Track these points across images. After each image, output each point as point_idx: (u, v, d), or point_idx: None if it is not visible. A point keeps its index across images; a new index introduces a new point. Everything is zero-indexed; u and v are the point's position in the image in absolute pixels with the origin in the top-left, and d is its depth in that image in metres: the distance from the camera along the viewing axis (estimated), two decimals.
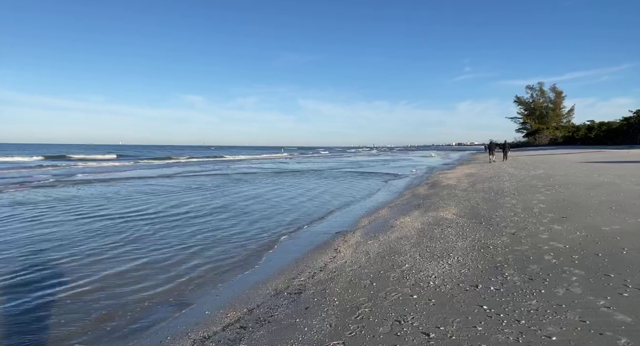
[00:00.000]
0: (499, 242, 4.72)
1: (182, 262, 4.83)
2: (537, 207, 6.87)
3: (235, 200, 10.34)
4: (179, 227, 6.84)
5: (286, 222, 7.26)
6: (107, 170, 23.96)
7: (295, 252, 5.21)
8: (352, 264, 4.35)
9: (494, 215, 6.57)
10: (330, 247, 5.32)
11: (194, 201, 10.08)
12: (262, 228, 6.70)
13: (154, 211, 8.52)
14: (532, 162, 20.37)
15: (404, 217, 7.10)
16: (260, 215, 8.06)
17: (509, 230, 5.35)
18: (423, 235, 5.51)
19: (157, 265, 4.71)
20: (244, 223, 7.20)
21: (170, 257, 5.07)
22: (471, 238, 5.06)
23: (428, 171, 20.91)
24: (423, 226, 6.13)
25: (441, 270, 3.85)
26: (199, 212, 8.35)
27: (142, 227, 6.88)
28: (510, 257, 4.06)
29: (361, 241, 5.51)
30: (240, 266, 4.66)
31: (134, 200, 10.28)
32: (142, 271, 4.50)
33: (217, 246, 5.56)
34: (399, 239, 5.38)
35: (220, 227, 6.81)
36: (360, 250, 4.94)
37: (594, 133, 52.54)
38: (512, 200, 7.91)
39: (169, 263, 4.79)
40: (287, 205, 9.45)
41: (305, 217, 7.77)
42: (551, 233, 4.97)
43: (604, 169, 13.34)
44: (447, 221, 6.37)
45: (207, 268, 4.60)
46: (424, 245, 4.93)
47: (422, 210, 7.70)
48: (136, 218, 7.72)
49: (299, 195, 11.24)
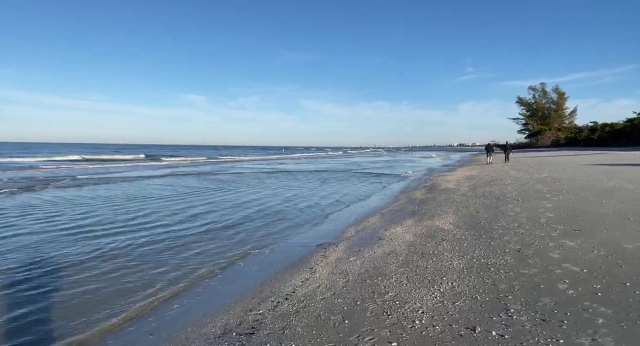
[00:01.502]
0: (501, 262, 3.99)
1: (113, 298, 4.10)
2: (544, 217, 6.13)
3: (213, 206, 9.61)
4: (123, 240, 6.12)
5: (262, 232, 6.52)
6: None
7: (264, 271, 4.48)
8: (325, 290, 3.63)
9: (496, 225, 5.84)
10: (306, 265, 4.59)
11: (173, 206, 9.37)
12: (232, 240, 5.95)
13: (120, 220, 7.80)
14: (535, 164, 19.61)
15: (395, 227, 6.38)
16: (235, 223, 7.29)
17: (513, 245, 4.62)
18: (414, 250, 4.78)
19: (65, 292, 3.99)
20: (212, 233, 6.42)
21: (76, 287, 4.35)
22: (469, 256, 4.33)
23: (427, 173, 20.16)
24: (415, 238, 5.40)
25: (431, 302, 3.12)
26: (164, 221, 7.63)
27: (87, 240, 6.16)
28: (516, 285, 3.33)
29: (343, 257, 4.79)
30: (189, 291, 3.91)
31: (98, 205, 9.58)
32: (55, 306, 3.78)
33: (163, 265, 4.76)
34: (386, 255, 4.65)
35: (180, 238, 6.08)
36: (339, 270, 4.22)
37: (597, 134, 51.67)
38: (515, 208, 7.18)
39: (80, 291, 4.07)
40: (269, 210, 8.72)
41: (286, 226, 7.04)
42: (563, 251, 4.23)
43: (613, 173, 12.58)
44: (442, 232, 5.64)
45: (145, 299, 3.84)
46: (413, 264, 4.21)
47: (416, 218, 6.97)
48: (92, 230, 7.01)
49: (286, 199, 10.52)
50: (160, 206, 9.30)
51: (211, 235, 6.24)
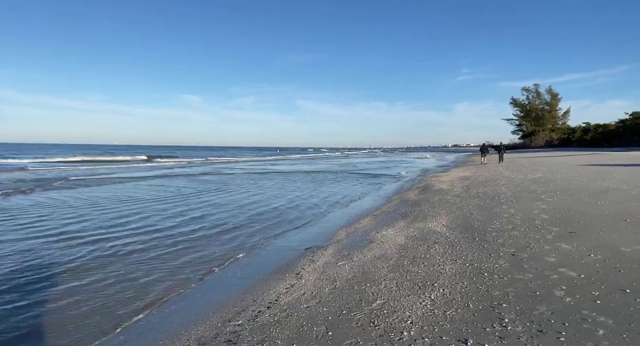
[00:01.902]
0: (495, 267, 3.82)
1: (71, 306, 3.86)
2: (539, 218, 5.99)
3: (200, 210, 9.37)
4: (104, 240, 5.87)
5: (249, 236, 6.30)
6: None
7: (248, 277, 4.26)
8: (311, 297, 3.43)
9: (490, 227, 5.68)
10: (292, 270, 4.38)
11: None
12: (217, 245, 5.70)
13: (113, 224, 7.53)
14: (529, 165, 19.59)
15: (386, 229, 6.19)
16: (221, 226, 7.04)
17: (508, 249, 4.46)
18: (405, 254, 4.60)
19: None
20: (196, 238, 6.13)
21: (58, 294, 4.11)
22: (462, 260, 4.16)
23: (421, 173, 20.06)
24: (407, 241, 5.22)
25: (421, 310, 2.93)
26: (148, 226, 7.37)
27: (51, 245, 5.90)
28: (511, 291, 3.16)
29: (331, 261, 4.59)
30: (167, 300, 3.68)
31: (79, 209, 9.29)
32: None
33: (142, 272, 4.54)
34: (376, 259, 4.46)
35: (161, 244, 5.84)
36: (326, 276, 4.02)
37: (590, 135, 52.13)
38: (509, 209, 7.03)
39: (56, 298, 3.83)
40: (257, 213, 8.48)
41: (275, 228, 6.82)
42: (559, 254, 4.07)
43: (607, 173, 12.54)
44: (435, 235, 5.47)
45: (119, 310, 3.63)
46: (404, 268, 4.02)
47: (408, 220, 6.80)
48: (77, 234, 6.74)
49: (276, 202, 10.29)
50: (145, 210, 9.03)
51: (195, 240, 5.98)
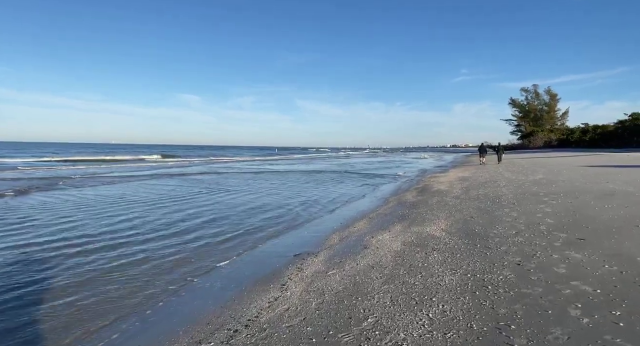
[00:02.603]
0: (500, 279, 3.46)
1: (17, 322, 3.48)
2: (544, 223, 5.64)
3: (187, 212, 8.98)
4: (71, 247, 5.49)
5: (235, 239, 5.91)
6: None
7: (228, 288, 3.88)
8: (295, 314, 3.06)
9: (492, 232, 5.33)
10: (278, 280, 4.01)
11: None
12: (198, 250, 5.28)
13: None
14: (529, 166, 19.28)
15: (382, 233, 5.84)
16: (205, 229, 6.62)
17: (512, 257, 4.10)
18: (401, 262, 4.24)
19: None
20: (177, 243, 5.66)
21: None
22: (463, 270, 3.80)
23: (419, 174, 19.72)
24: (403, 247, 4.87)
25: (418, 332, 2.57)
26: (128, 230, 6.99)
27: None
28: (519, 309, 2.80)
29: (321, 270, 4.22)
30: (135, 316, 3.26)
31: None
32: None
33: (113, 280, 4.17)
34: (370, 268, 4.10)
35: (140, 250, 5.44)
36: (314, 288, 3.65)
37: (589, 136, 51.97)
38: (512, 212, 6.69)
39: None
40: (247, 215, 8.09)
41: (264, 232, 6.43)
42: (570, 265, 3.72)
43: (610, 174, 12.22)
44: (433, 240, 5.11)
45: (74, 332, 3.25)
46: (400, 279, 3.66)
47: (405, 224, 6.45)
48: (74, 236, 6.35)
49: (268, 203, 9.92)
50: (125, 212, 8.64)
51: (174, 247, 5.42)
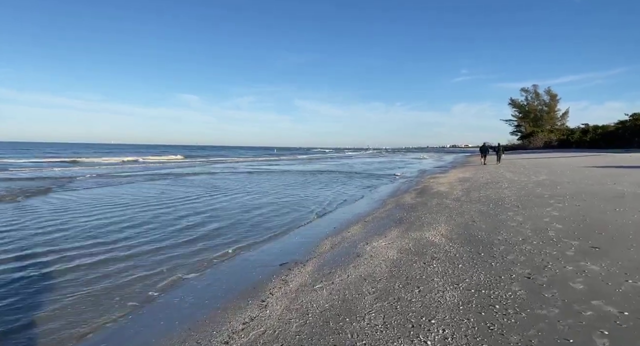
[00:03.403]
0: (509, 296, 3.04)
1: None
2: (553, 229, 5.21)
3: (171, 215, 8.54)
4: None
5: (218, 244, 5.45)
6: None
7: (200, 305, 3.44)
8: (271, 339, 2.63)
9: (496, 239, 4.90)
10: (258, 295, 3.58)
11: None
12: (176, 256, 4.85)
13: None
14: (530, 166, 18.87)
15: (378, 239, 5.41)
16: (184, 235, 6.12)
17: (521, 268, 3.68)
18: (397, 273, 3.81)
19: None
20: (151, 247, 5.25)
21: None
22: (466, 284, 3.37)
23: (419, 175, 19.29)
24: (400, 256, 4.44)
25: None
26: (96, 237, 6.55)
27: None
28: (534, 336, 2.37)
29: (307, 283, 3.79)
30: (86, 341, 2.83)
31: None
32: None
33: (64, 295, 3.72)
34: (362, 281, 3.68)
35: (112, 259, 5.00)
36: (297, 305, 3.22)
37: (590, 136, 51.60)
38: (516, 216, 6.26)
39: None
40: (234, 219, 7.63)
41: (252, 236, 5.99)
42: (587, 278, 3.29)
43: (615, 176, 11.80)
44: (433, 247, 4.69)
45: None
46: (394, 295, 3.23)
47: (403, 228, 6.02)
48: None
49: (259, 205, 9.48)
50: (103, 216, 8.21)
51: (147, 254, 4.97)
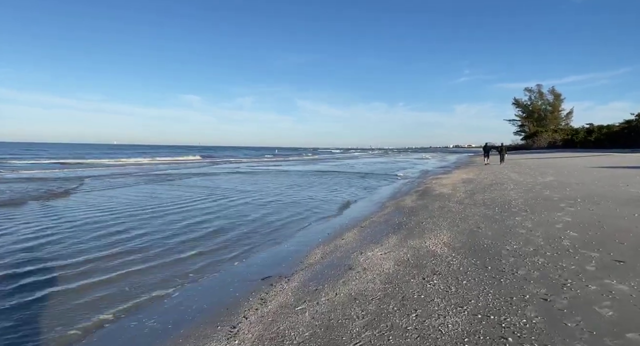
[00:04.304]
0: (523, 324, 2.55)
1: None
2: (567, 237, 4.71)
3: (153, 219, 8.09)
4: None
5: (198, 255, 4.95)
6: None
7: (161, 330, 2.95)
8: None
9: (504, 248, 4.41)
10: (230, 319, 3.10)
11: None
12: (144, 269, 4.35)
13: None
14: (536, 167, 18.31)
15: (373, 248, 4.93)
16: (164, 240, 5.73)
17: (535, 287, 3.18)
18: (392, 291, 3.33)
19: None
20: (118, 260, 4.72)
21: None
22: (472, 307, 2.88)
23: (421, 175, 18.78)
24: (396, 269, 3.95)
25: None
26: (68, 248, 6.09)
27: None
28: None
29: (289, 303, 3.31)
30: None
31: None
32: None
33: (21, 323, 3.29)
34: (352, 301, 3.20)
35: (73, 274, 4.53)
36: (273, 333, 2.74)
37: (594, 136, 50.84)
38: (525, 222, 5.76)
39: None
40: (221, 223, 7.18)
41: (234, 246, 5.48)
42: (616, 302, 2.79)
43: (626, 177, 11.25)
44: (434, 259, 4.20)
45: None
46: (388, 320, 2.75)
47: (401, 235, 5.54)
48: None
49: (251, 208, 9.02)
50: (73, 224, 7.77)
51: (114, 269, 4.42)
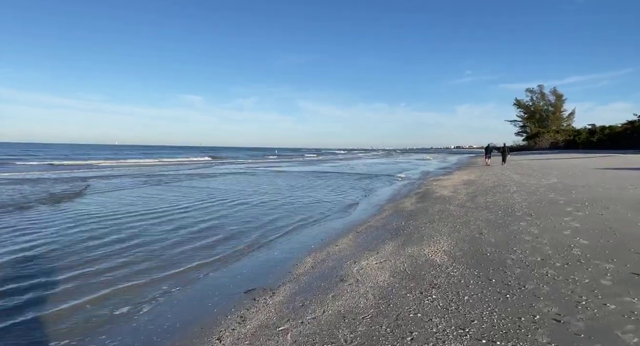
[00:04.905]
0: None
1: None
2: (577, 245, 4.36)
3: (131, 223, 7.75)
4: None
5: (178, 262, 4.61)
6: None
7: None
8: None
9: (509, 258, 4.06)
10: (203, 342, 2.75)
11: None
12: (110, 281, 4.08)
13: None
14: (538, 168, 17.93)
15: (368, 256, 4.58)
16: (146, 245, 5.44)
17: (545, 305, 2.83)
18: (386, 308, 2.99)
19: None
20: (90, 268, 4.56)
21: None
22: (475, 330, 2.54)
23: (421, 177, 18.41)
24: (392, 281, 3.61)
25: None
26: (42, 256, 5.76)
27: None
28: None
29: (270, 322, 2.97)
30: None
31: None
32: None
33: None
34: (340, 319, 2.85)
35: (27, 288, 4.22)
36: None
37: (597, 137, 50.46)
38: (530, 227, 5.42)
39: None
40: (208, 225, 6.85)
41: (218, 254, 5.12)
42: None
43: (633, 179, 10.88)
44: (433, 269, 3.86)
45: None
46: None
47: (399, 242, 5.19)
48: None
49: (243, 210, 8.68)
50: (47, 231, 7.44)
51: (88, 273, 4.35)
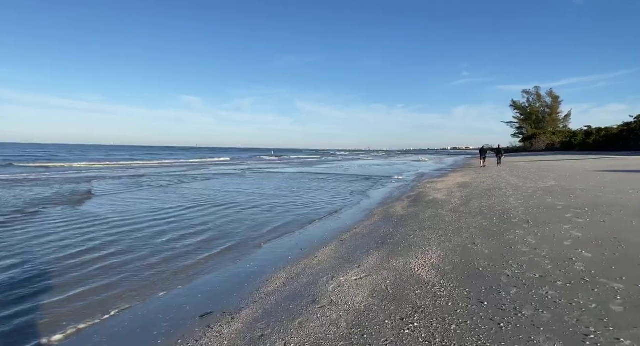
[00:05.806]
0: None
1: None
2: (579, 259, 3.91)
3: (101, 229, 7.24)
4: None
5: (133, 276, 4.13)
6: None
7: None
8: None
9: (504, 274, 3.61)
10: None
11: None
12: (57, 298, 3.60)
13: None
14: (535, 170, 17.56)
15: (348, 270, 4.12)
16: (106, 256, 4.95)
17: (547, 340, 2.38)
18: (359, 340, 2.52)
19: None
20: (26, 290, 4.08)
21: None
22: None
23: (415, 179, 17.98)
24: (371, 303, 3.14)
25: None
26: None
27: None
28: None
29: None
30: None
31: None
32: None
33: None
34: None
35: None
36: None
37: (593, 138, 50.39)
38: (527, 237, 4.97)
39: None
40: (178, 234, 6.36)
41: (182, 265, 4.64)
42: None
43: (633, 182, 10.50)
44: (418, 288, 3.39)
45: None
46: None
47: (384, 252, 4.73)
48: None
49: (225, 215, 8.19)
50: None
51: (23, 297, 3.84)
